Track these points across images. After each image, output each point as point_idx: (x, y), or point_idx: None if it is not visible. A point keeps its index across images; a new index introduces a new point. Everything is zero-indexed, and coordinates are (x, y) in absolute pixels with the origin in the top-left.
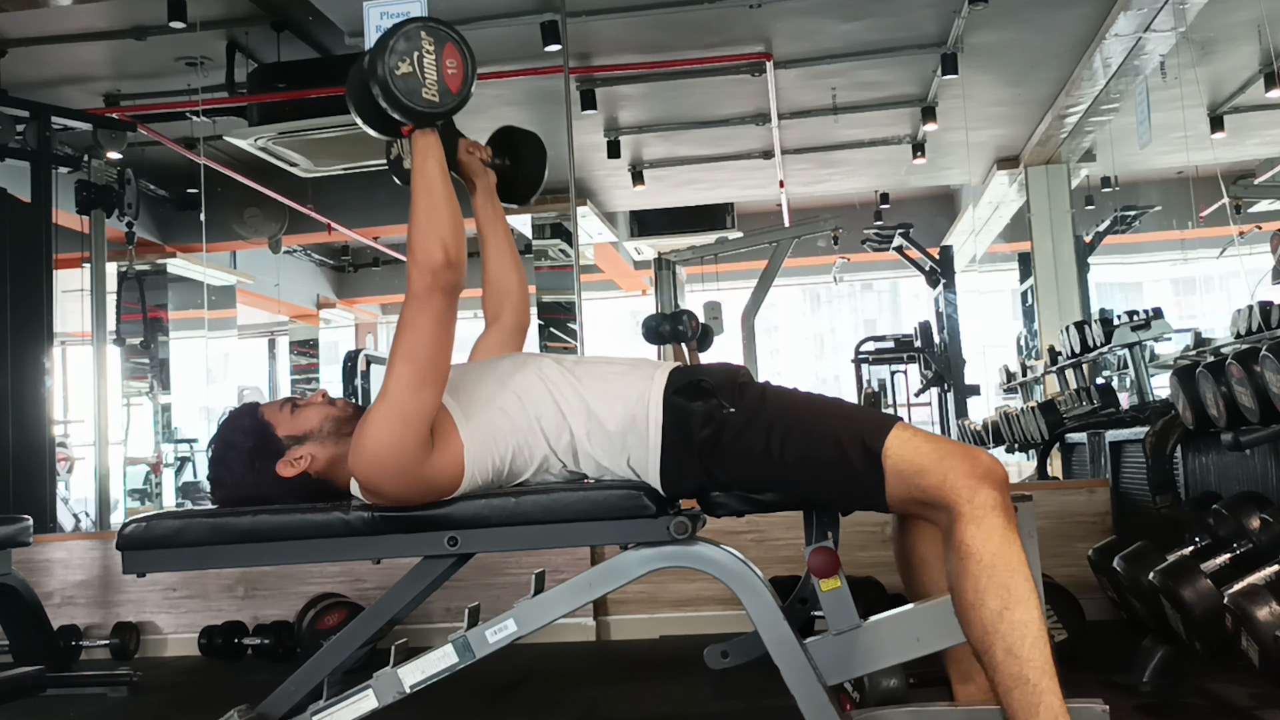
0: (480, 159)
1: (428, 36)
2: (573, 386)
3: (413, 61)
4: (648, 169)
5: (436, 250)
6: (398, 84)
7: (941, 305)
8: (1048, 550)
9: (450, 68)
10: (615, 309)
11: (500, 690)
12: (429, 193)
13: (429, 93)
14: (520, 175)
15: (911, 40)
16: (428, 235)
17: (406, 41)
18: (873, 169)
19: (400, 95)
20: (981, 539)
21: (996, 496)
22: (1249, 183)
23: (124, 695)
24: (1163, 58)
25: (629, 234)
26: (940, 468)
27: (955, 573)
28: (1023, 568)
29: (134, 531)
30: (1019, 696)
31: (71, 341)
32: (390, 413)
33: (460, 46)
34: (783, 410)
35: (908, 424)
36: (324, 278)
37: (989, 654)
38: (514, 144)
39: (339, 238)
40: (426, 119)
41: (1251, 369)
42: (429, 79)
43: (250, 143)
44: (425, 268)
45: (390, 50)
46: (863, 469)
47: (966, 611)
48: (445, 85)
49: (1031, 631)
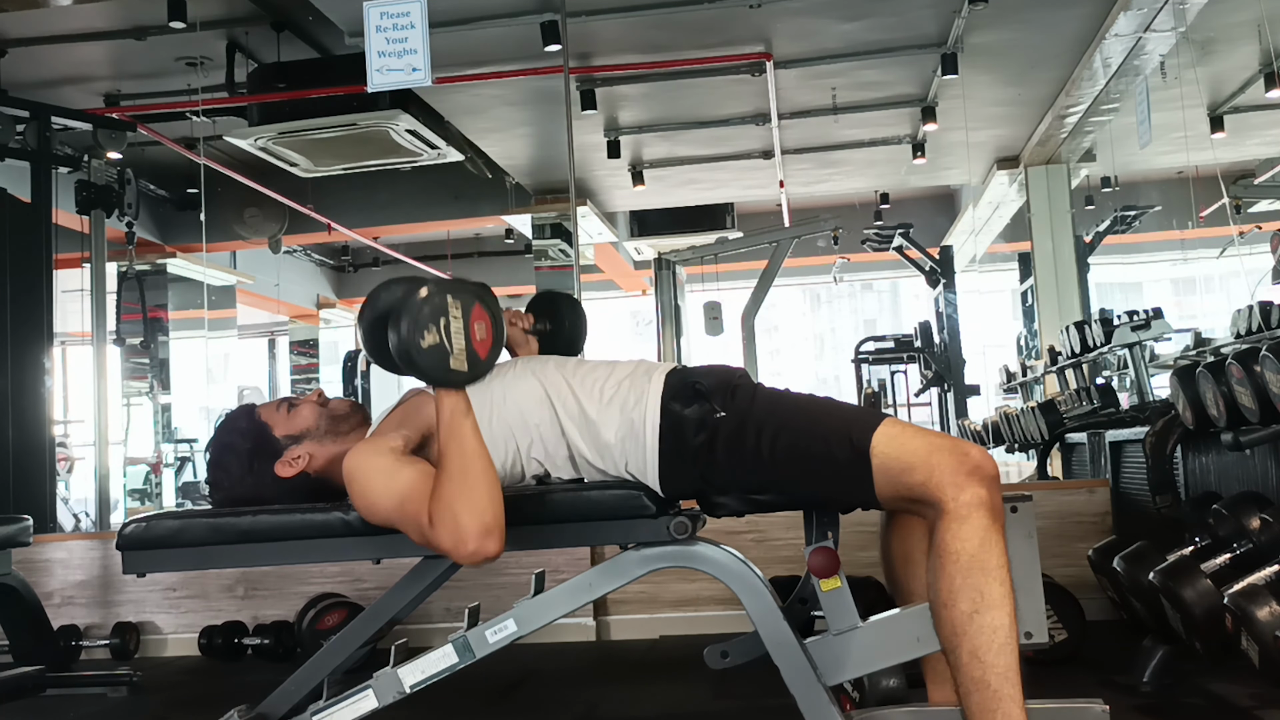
0: (522, 329)
1: (454, 301)
2: (573, 394)
3: (438, 330)
4: (648, 169)
5: (473, 525)
6: (422, 358)
7: (941, 305)
8: (1048, 550)
9: (479, 333)
10: (615, 309)
11: (500, 690)
12: (462, 456)
13: (456, 363)
14: (561, 338)
15: (911, 40)
16: (461, 510)
17: (431, 310)
18: (873, 169)
19: (425, 369)
20: (962, 539)
21: (983, 494)
22: (1249, 183)
23: (124, 695)
24: (1163, 58)
25: (629, 234)
26: (927, 465)
27: (933, 570)
28: (1000, 571)
29: (134, 532)
30: (978, 700)
31: (71, 341)
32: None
33: (489, 307)
34: (771, 410)
35: (896, 420)
36: (324, 278)
37: (955, 654)
38: (554, 308)
39: (339, 238)
40: (453, 386)
41: (1251, 369)
42: (456, 348)
43: (250, 143)
44: (455, 540)
45: (415, 324)
46: (850, 466)
47: (939, 610)
48: (474, 353)
49: (999, 637)
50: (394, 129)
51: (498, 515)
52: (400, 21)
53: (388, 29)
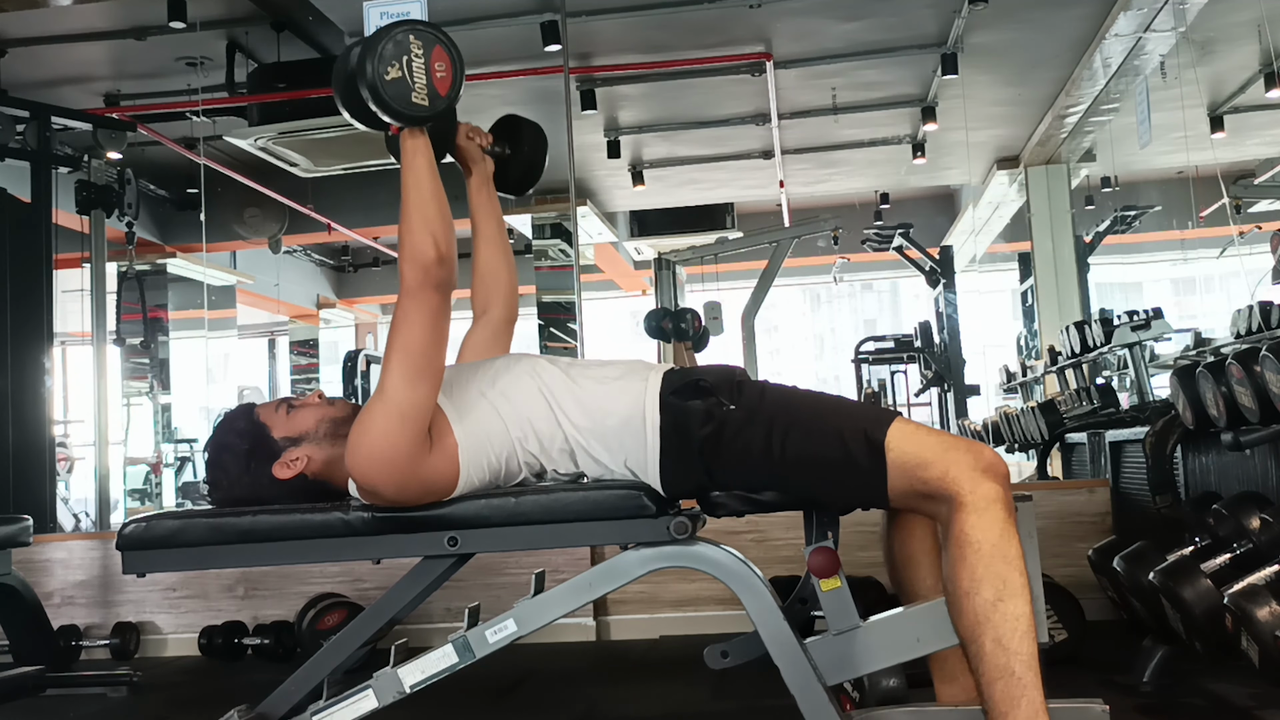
0: (480, 145)
1: (416, 40)
2: (567, 387)
3: (401, 66)
4: (648, 169)
5: (428, 246)
6: (387, 89)
7: (941, 305)
8: (1048, 550)
9: (439, 71)
10: (615, 309)
11: (500, 690)
12: (418, 189)
13: (418, 97)
14: (518, 164)
15: (911, 40)
16: (418, 231)
17: (395, 46)
18: (873, 169)
19: (389, 100)
20: (983, 529)
21: (999, 490)
22: (1249, 183)
23: (124, 695)
24: (1163, 58)
25: (629, 234)
26: (943, 460)
27: (952, 561)
28: (1019, 562)
29: (134, 532)
30: (1002, 688)
31: (71, 341)
32: (387, 409)
33: (449, 49)
34: (783, 407)
35: (907, 419)
36: (324, 278)
37: (977, 643)
38: (516, 133)
39: (339, 238)
40: (416, 122)
41: (1251, 369)
42: (418, 83)
43: (250, 143)
44: (417, 263)
45: (379, 55)
46: (866, 462)
47: (960, 600)
48: (434, 89)
49: (1022, 625)
50: None
51: (448, 234)
52: None
53: None
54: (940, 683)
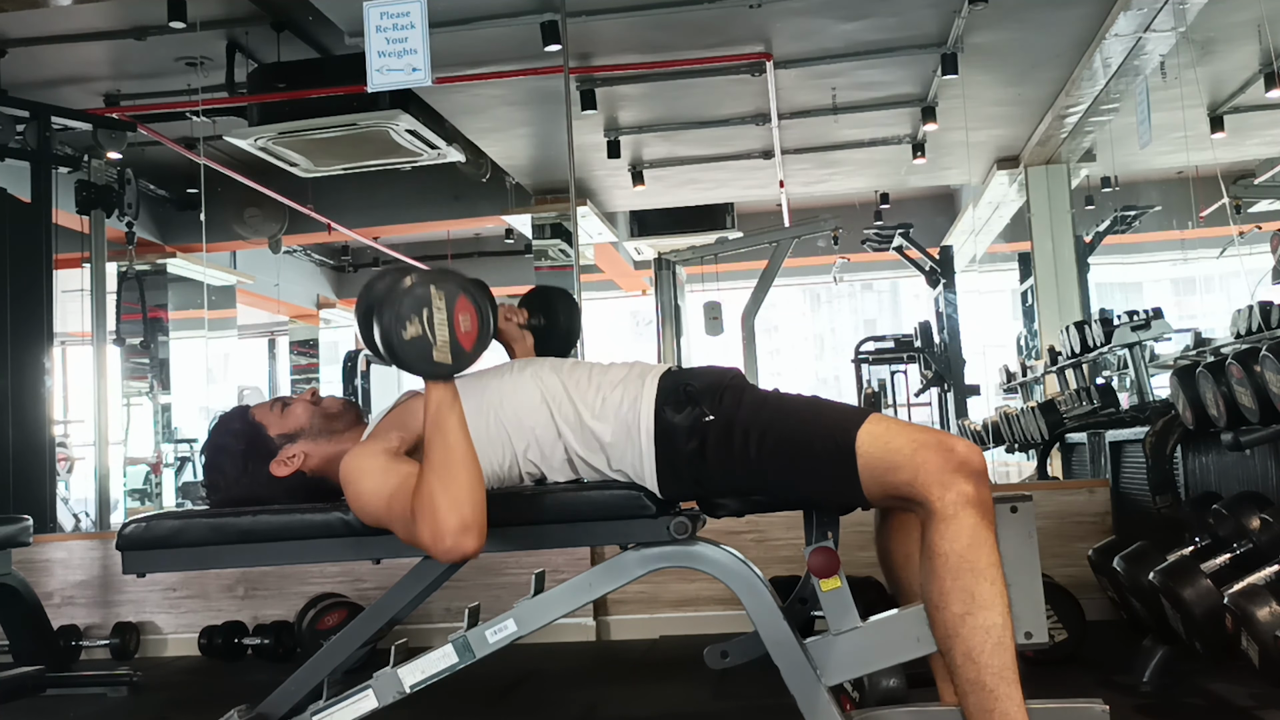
0: (517, 324)
1: (438, 292)
2: (569, 398)
3: (421, 322)
4: (648, 169)
5: (450, 520)
6: (404, 349)
7: (941, 305)
8: (1048, 550)
9: (463, 324)
10: (615, 309)
11: (500, 690)
12: (445, 450)
13: (439, 354)
14: (556, 333)
15: (911, 40)
16: (443, 509)
17: (413, 300)
18: (873, 169)
19: (406, 360)
20: (950, 538)
21: (970, 491)
22: (1249, 183)
23: (124, 695)
24: (1163, 58)
25: (629, 234)
26: (912, 463)
27: (924, 572)
28: (990, 569)
29: (134, 532)
30: (974, 701)
31: (71, 341)
32: (376, 502)
33: (474, 299)
34: (756, 412)
35: (883, 416)
36: (324, 278)
37: (949, 656)
38: (548, 304)
39: (339, 238)
40: (438, 379)
41: (1251, 369)
42: (439, 338)
43: (250, 143)
44: (433, 534)
45: (396, 314)
46: (836, 467)
47: (931, 613)
48: (458, 344)
49: (993, 637)
50: (394, 129)
51: (478, 511)
52: (400, 21)
53: (388, 29)
54: (942, 682)
